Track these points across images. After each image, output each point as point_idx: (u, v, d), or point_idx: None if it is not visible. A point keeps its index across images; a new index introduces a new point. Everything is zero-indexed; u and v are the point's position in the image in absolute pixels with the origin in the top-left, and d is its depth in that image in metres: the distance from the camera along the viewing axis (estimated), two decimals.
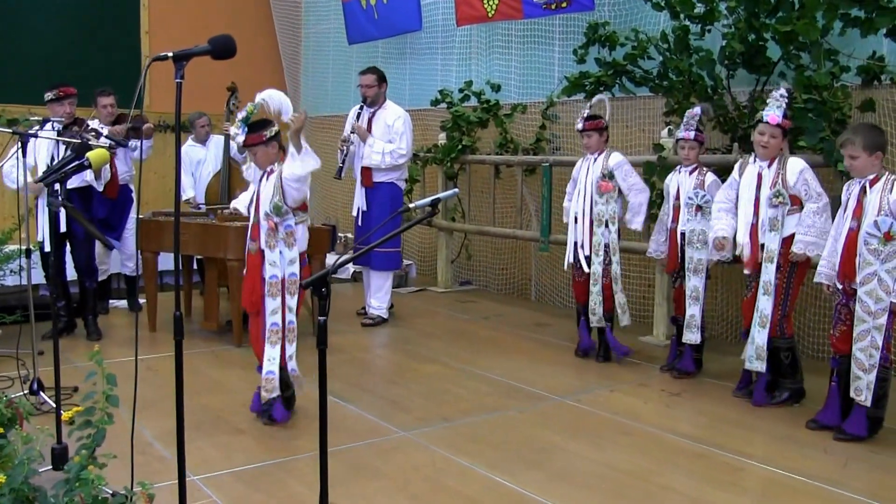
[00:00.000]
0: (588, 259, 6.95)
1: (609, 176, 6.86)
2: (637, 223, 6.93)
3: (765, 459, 4.80)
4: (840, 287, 5.22)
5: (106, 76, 8.76)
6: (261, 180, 5.38)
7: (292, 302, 5.25)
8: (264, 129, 5.28)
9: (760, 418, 5.58)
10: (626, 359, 6.96)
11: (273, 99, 5.17)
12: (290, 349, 5.28)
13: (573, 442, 5.07)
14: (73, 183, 7.20)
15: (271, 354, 5.21)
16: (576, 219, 7.07)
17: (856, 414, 5.13)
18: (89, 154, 4.46)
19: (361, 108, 8.19)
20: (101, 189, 7.59)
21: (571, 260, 7.08)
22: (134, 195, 8.67)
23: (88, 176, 7.28)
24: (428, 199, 3.43)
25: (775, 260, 5.62)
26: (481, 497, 4.23)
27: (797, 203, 5.62)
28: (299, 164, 5.14)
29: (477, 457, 4.76)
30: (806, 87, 6.29)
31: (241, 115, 5.26)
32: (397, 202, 8.25)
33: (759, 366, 5.74)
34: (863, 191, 5.11)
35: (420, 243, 11.25)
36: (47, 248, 6.73)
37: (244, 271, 5.50)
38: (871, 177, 5.09)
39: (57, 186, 4.44)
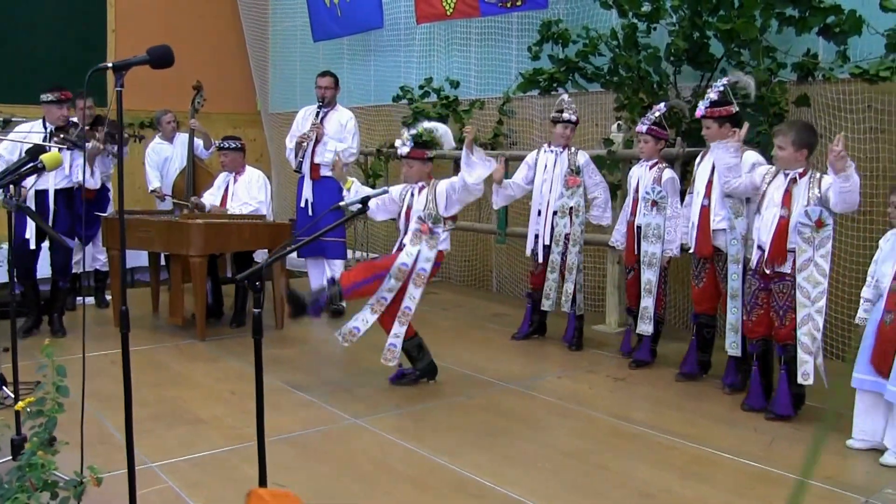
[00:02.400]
0: (547, 249, 7.22)
1: (577, 171, 7.11)
2: (606, 219, 7.28)
3: (697, 438, 5.06)
4: (767, 272, 5.47)
5: (70, 74, 8.91)
6: (412, 195, 6.19)
7: (416, 292, 6.03)
8: (428, 149, 6.16)
9: (699, 401, 5.85)
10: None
11: (442, 132, 6.18)
12: (398, 329, 6.07)
13: (518, 426, 5.31)
14: (60, 183, 7.49)
15: (398, 331, 6.07)
16: (539, 212, 7.33)
17: (780, 395, 5.41)
18: (43, 157, 4.62)
19: (319, 108, 8.50)
20: (97, 185, 7.86)
21: (533, 250, 7.40)
22: (111, 194, 8.93)
23: (80, 176, 7.56)
24: (357, 198, 3.68)
25: None
26: (424, 478, 4.47)
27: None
28: (478, 172, 5.95)
29: (424, 441, 4.99)
30: None
31: (413, 131, 6.19)
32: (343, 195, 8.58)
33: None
34: (792, 181, 5.38)
35: (385, 237, 11.45)
36: (32, 246, 7.20)
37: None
38: (799, 170, 5.36)
39: (12, 188, 4.62)
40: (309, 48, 12.61)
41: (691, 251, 6.19)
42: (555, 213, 7.21)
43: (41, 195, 7.50)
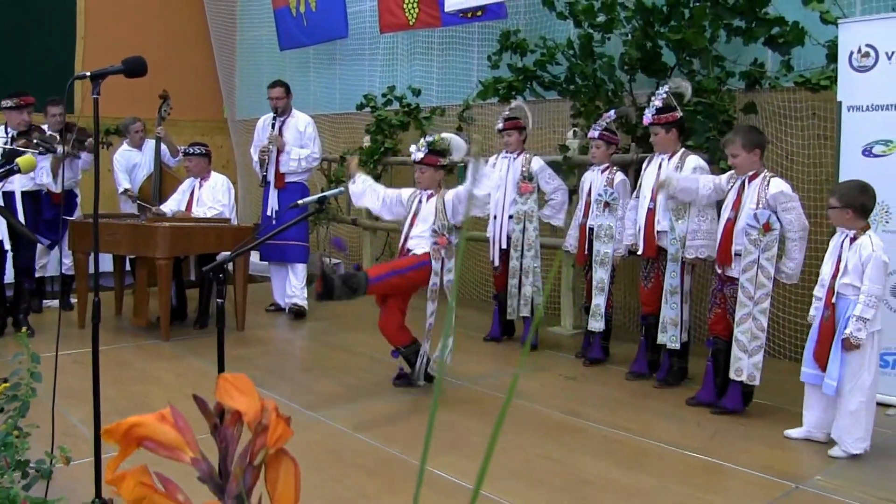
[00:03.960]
0: (505, 253, 7.42)
1: (529, 178, 7.31)
2: (559, 220, 7.48)
3: (640, 432, 5.25)
4: (718, 273, 5.70)
5: (40, 81, 9.04)
6: (419, 202, 6.26)
7: (452, 302, 6.08)
8: (441, 157, 6.28)
9: (646, 398, 6.05)
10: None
11: (455, 142, 6.32)
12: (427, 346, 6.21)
13: (466, 420, 5.48)
14: (26, 185, 7.63)
15: (426, 348, 6.17)
16: (494, 216, 7.51)
17: (732, 390, 5.61)
18: (18, 160, 4.78)
19: (275, 118, 8.73)
20: (58, 190, 8.00)
21: (494, 256, 7.55)
22: (79, 200, 9.11)
23: (45, 179, 7.70)
24: (315, 197, 3.86)
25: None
26: (377, 467, 4.66)
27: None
28: (487, 184, 6.23)
29: (378, 434, 5.18)
30: (696, 91, 6.78)
31: (428, 139, 6.31)
32: (306, 196, 8.75)
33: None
34: (742, 185, 5.60)
35: (348, 243, 11.61)
36: (7, 247, 7.30)
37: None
38: (751, 173, 5.57)
39: None
40: (276, 56, 12.74)
41: (639, 253, 6.41)
42: (510, 217, 7.41)
43: (7, 196, 7.63)
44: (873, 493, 4.33)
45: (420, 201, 6.24)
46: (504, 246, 7.47)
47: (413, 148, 6.34)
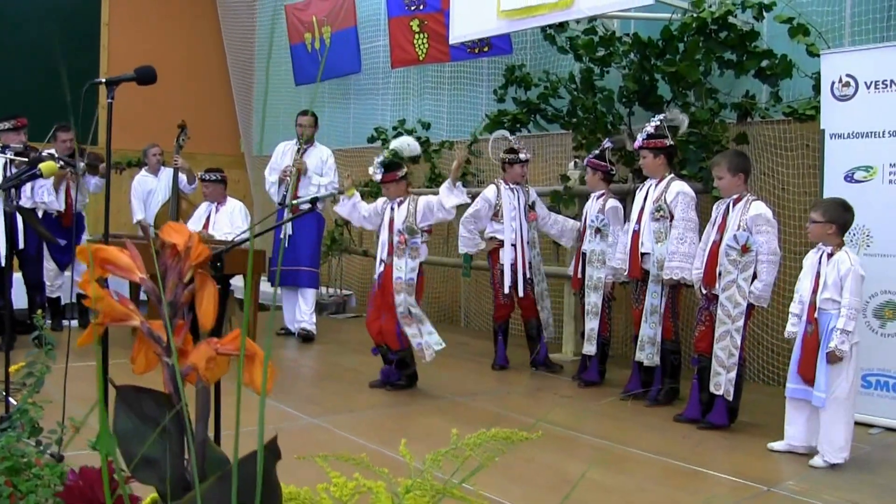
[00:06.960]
0: (530, 281, 7.67)
1: (532, 207, 7.60)
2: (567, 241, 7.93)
3: (626, 442, 5.46)
4: (704, 293, 5.92)
5: (66, 114, 9.33)
6: (392, 209, 6.77)
7: (411, 299, 6.60)
8: (398, 170, 6.79)
9: (636, 414, 6.25)
10: (531, 370, 7.69)
11: (403, 147, 6.98)
12: (412, 330, 6.62)
13: (458, 427, 5.64)
14: (24, 203, 7.92)
15: (411, 332, 6.62)
16: (513, 245, 7.68)
17: (718, 406, 5.80)
18: (41, 165, 5.08)
19: (299, 146, 9.03)
20: (61, 208, 8.34)
21: (510, 284, 7.66)
22: (86, 221, 9.43)
23: (46, 197, 8.02)
24: (307, 198, 4.14)
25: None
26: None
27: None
28: (452, 199, 6.64)
29: (370, 436, 5.44)
30: (690, 122, 7.03)
31: (379, 159, 6.86)
32: (321, 224, 9.24)
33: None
34: (727, 209, 5.85)
35: (360, 275, 11.86)
36: (2, 263, 7.48)
37: (378, 280, 6.91)
38: (735, 196, 5.82)
39: (12, 192, 5.07)
40: (291, 92, 13.04)
41: (625, 275, 6.65)
42: (528, 244, 7.67)
43: (9, 216, 7.94)
44: (842, 496, 4.53)
45: (392, 208, 6.75)
46: (528, 274, 7.65)
47: (371, 170, 6.90)
